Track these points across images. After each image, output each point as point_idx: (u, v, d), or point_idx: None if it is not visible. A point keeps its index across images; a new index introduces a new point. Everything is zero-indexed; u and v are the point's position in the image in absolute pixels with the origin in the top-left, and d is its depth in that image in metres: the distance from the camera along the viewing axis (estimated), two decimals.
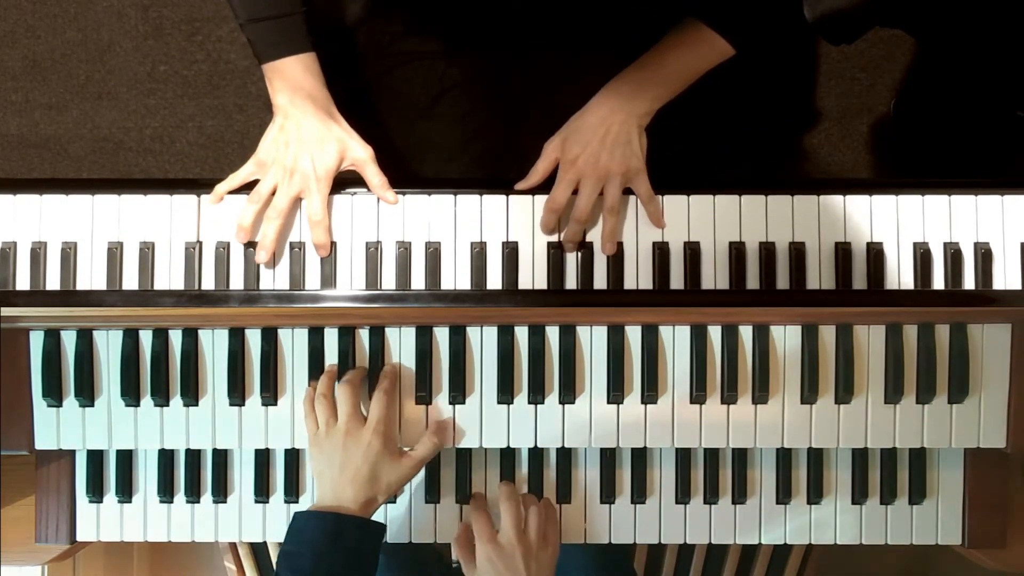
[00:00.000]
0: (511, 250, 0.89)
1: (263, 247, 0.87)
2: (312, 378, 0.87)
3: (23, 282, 0.89)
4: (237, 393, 0.87)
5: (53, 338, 0.88)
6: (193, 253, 0.88)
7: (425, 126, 0.97)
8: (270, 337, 0.87)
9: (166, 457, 0.91)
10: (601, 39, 0.93)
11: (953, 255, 0.88)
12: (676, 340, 0.87)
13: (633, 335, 0.87)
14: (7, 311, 0.84)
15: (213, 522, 0.92)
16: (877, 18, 0.90)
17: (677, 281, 0.88)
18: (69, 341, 0.88)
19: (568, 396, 0.87)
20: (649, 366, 0.86)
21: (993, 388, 0.87)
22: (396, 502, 0.91)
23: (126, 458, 0.92)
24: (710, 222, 0.89)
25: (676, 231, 0.89)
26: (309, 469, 0.91)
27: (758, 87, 0.88)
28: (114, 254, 0.88)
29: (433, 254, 0.89)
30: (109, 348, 0.88)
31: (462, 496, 0.91)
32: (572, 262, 0.89)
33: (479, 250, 0.89)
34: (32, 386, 0.88)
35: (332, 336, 0.87)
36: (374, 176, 0.88)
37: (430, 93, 0.94)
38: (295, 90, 0.85)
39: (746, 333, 0.87)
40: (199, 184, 0.90)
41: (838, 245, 0.88)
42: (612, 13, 0.91)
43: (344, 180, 0.89)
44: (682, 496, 0.91)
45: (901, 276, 0.88)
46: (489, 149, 0.96)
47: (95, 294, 0.87)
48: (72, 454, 0.92)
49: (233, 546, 1.14)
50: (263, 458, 0.92)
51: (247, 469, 0.92)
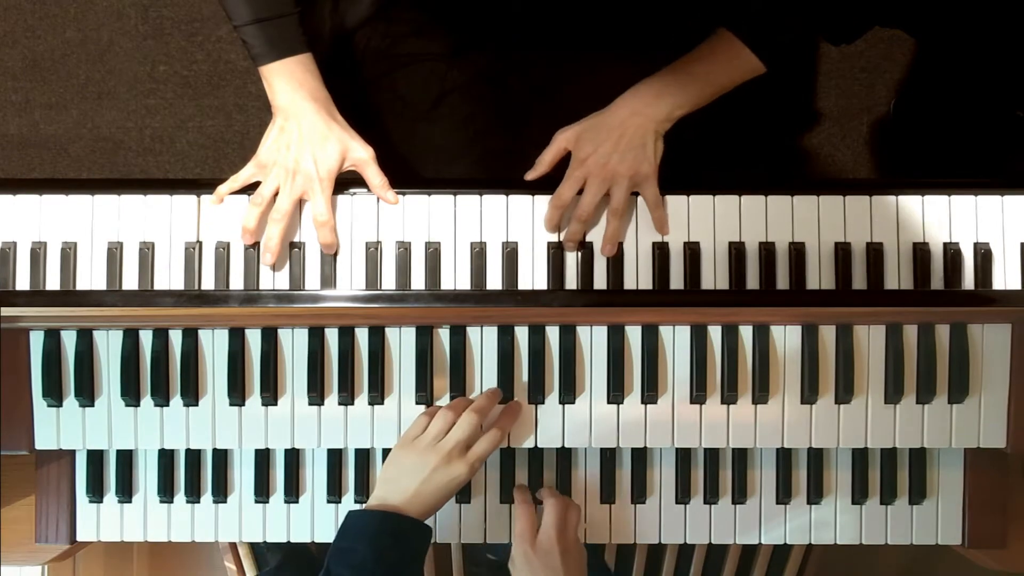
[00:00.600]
0: (511, 250, 0.89)
1: (268, 249, 0.87)
2: (311, 378, 0.87)
3: (23, 282, 0.89)
4: (237, 393, 0.87)
5: (53, 338, 0.88)
6: (193, 253, 0.88)
7: (427, 128, 0.97)
8: (270, 337, 0.87)
9: (166, 457, 0.92)
10: (602, 41, 0.93)
11: (953, 255, 0.88)
12: (676, 340, 0.87)
13: (633, 335, 0.87)
14: (7, 311, 0.84)
15: (213, 522, 0.92)
16: (877, 18, 0.90)
17: (677, 281, 0.88)
18: (69, 341, 0.88)
19: (568, 396, 0.87)
20: (649, 366, 0.86)
21: (993, 388, 0.87)
22: None
23: (126, 458, 0.92)
24: (710, 222, 0.89)
25: (676, 231, 0.89)
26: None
27: (758, 87, 0.87)
28: (114, 254, 0.88)
29: (433, 254, 0.89)
30: (109, 348, 0.88)
31: (462, 496, 0.91)
32: (572, 262, 0.89)
33: (479, 250, 0.89)
34: (32, 386, 0.88)
35: (332, 336, 0.87)
36: (375, 176, 0.88)
37: (432, 95, 0.94)
38: (295, 91, 0.85)
39: (746, 333, 0.87)
40: (199, 184, 0.90)
41: (838, 245, 0.88)
42: (613, 15, 0.91)
43: (344, 180, 0.89)
44: (682, 496, 0.91)
45: (901, 276, 0.88)
46: (491, 151, 0.96)
47: (95, 294, 0.87)
48: (72, 454, 0.92)
49: (233, 546, 1.14)
50: (263, 458, 0.92)
51: (247, 469, 0.92)
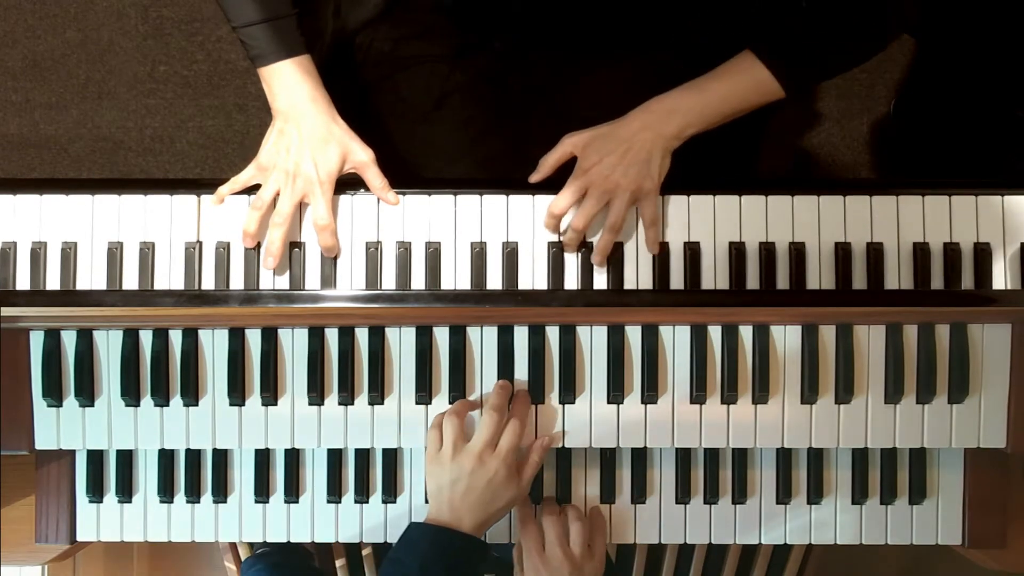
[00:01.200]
0: (511, 250, 0.89)
1: (271, 253, 0.87)
2: (311, 378, 0.87)
3: (23, 282, 0.89)
4: (237, 393, 0.87)
5: (53, 338, 0.88)
6: (193, 253, 0.88)
7: (428, 129, 0.96)
8: (270, 337, 0.87)
9: (166, 457, 0.92)
10: (603, 42, 0.93)
11: (953, 255, 0.88)
12: (676, 340, 0.87)
13: (633, 335, 0.87)
14: (7, 311, 0.84)
15: (213, 522, 0.92)
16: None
17: (677, 281, 0.88)
18: (69, 341, 0.88)
19: (568, 396, 0.87)
20: (649, 366, 0.86)
21: (993, 388, 0.87)
22: (397, 502, 0.91)
23: (126, 458, 0.92)
24: (710, 222, 0.89)
25: (676, 231, 0.89)
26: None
27: None
28: (114, 254, 0.88)
29: (433, 254, 0.89)
30: (109, 348, 0.88)
31: None
32: (572, 262, 0.89)
33: (479, 250, 0.89)
34: (32, 386, 0.88)
35: (332, 336, 0.87)
36: (375, 179, 0.88)
37: (433, 96, 0.94)
38: (294, 93, 0.85)
39: (746, 333, 0.87)
40: (199, 184, 0.90)
41: (838, 245, 0.88)
42: (614, 16, 0.91)
43: (344, 181, 0.89)
44: (682, 496, 0.91)
45: (901, 276, 0.88)
46: (492, 153, 0.96)
47: (95, 294, 0.87)
48: (72, 454, 0.92)
49: (233, 546, 1.14)
50: (263, 458, 0.92)
51: (247, 469, 0.92)
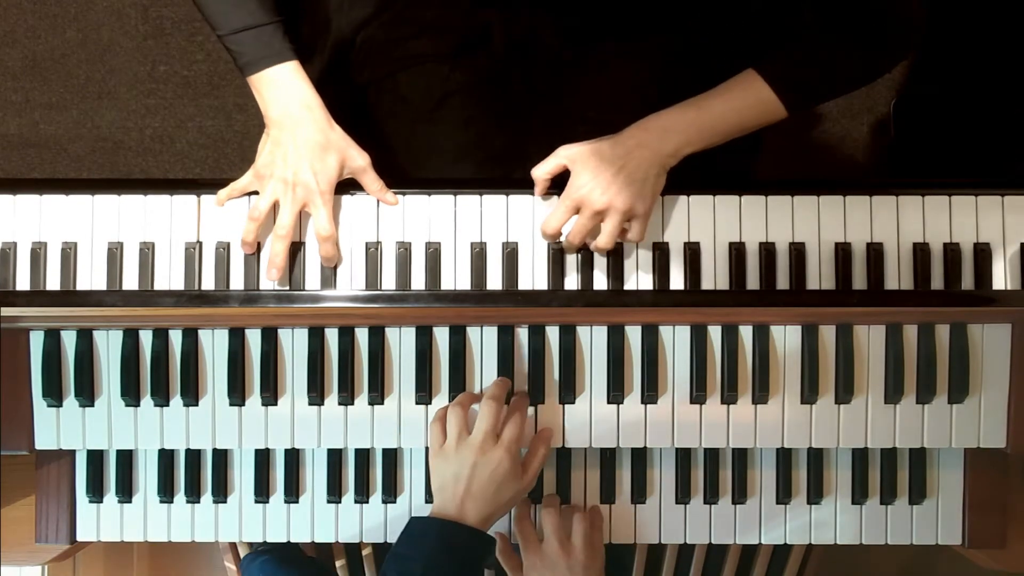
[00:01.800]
0: (511, 250, 0.89)
1: (274, 265, 0.86)
2: (311, 378, 0.87)
3: (23, 282, 0.89)
4: (237, 393, 0.87)
5: (53, 338, 0.88)
6: (193, 253, 0.88)
7: (428, 129, 0.96)
8: (270, 337, 0.87)
9: (166, 457, 0.92)
10: (605, 44, 0.93)
11: (953, 255, 0.88)
12: (676, 340, 0.87)
13: (633, 335, 0.87)
14: (7, 311, 0.84)
15: (213, 522, 0.92)
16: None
17: (677, 281, 0.88)
18: (69, 341, 0.88)
19: (568, 396, 0.87)
20: (649, 366, 0.86)
21: (993, 388, 0.87)
22: (397, 502, 0.91)
23: (126, 458, 0.92)
24: (710, 222, 0.89)
25: (676, 231, 0.89)
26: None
27: None
28: (114, 254, 0.88)
29: (433, 254, 0.89)
30: (109, 348, 0.88)
31: None
32: (572, 262, 0.89)
33: (479, 250, 0.89)
34: (32, 386, 0.88)
35: (332, 336, 0.87)
36: (373, 183, 0.88)
37: (433, 96, 0.94)
38: (287, 100, 0.84)
39: (746, 333, 0.87)
40: (199, 184, 0.90)
41: (838, 245, 0.88)
42: (616, 18, 0.90)
43: (343, 181, 0.88)
44: (682, 496, 0.91)
45: (901, 276, 0.88)
46: (492, 153, 0.96)
47: (95, 294, 0.87)
48: (72, 454, 0.92)
49: (233, 546, 1.14)
50: (263, 458, 0.92)
51: (247, 469, 0.92)
